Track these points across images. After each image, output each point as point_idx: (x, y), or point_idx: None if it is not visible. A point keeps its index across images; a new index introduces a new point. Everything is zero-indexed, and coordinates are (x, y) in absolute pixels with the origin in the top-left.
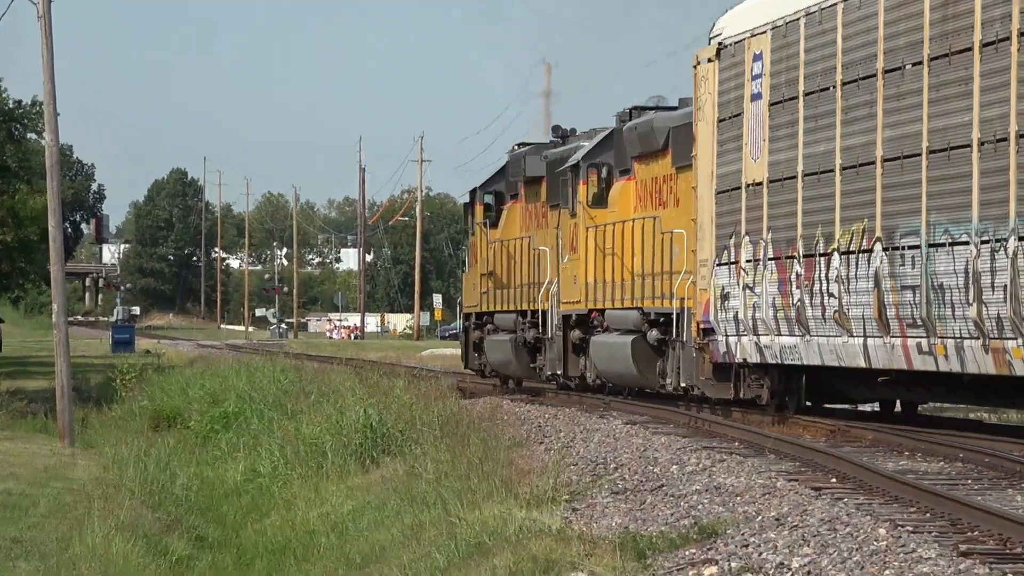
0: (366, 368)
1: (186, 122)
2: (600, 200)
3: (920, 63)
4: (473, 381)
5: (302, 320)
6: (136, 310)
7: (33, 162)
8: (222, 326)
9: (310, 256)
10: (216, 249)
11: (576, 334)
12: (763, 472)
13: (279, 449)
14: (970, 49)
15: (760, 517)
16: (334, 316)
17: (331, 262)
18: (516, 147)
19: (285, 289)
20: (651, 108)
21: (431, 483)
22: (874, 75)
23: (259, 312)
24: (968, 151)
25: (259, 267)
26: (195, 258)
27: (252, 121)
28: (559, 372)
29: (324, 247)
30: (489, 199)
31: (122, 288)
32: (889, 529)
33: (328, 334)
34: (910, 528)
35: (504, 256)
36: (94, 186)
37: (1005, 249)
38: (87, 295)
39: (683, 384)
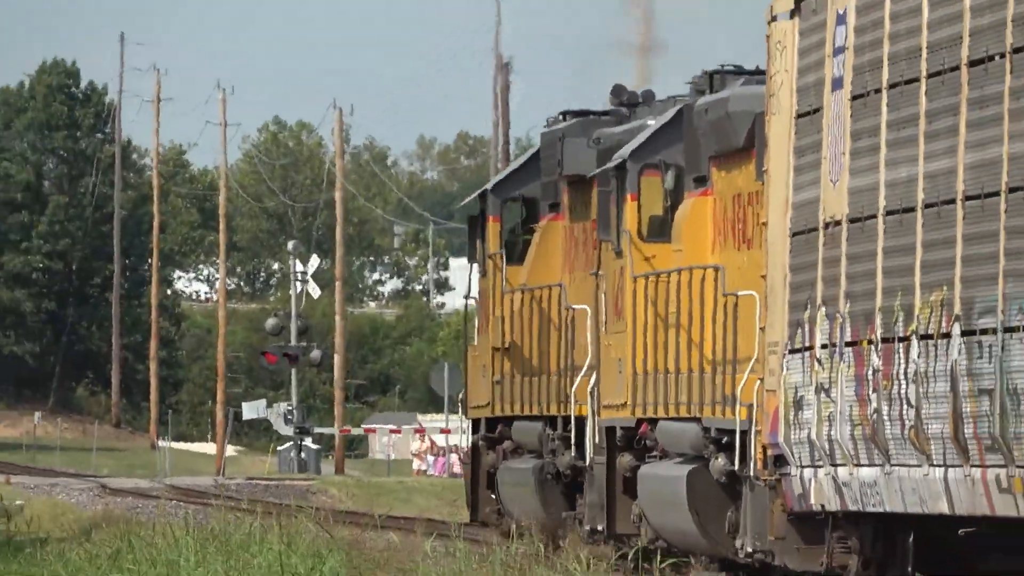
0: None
1: None
2: (661, 229)
3: (1003, 55)
4: None
5: (354, 431)
6: None
7: None
8: (161, 443)
9: (376, 274)
10: (151, 258)
11: (626, 461)
12: None
13: None
14: None
15: None
16: (430, 420)
17: (427, 289)
18: (560, 118)
19: (316, 353)
20: (742, 73)
21: None
22: (958, 67)
23: (249, 410)
24: None
25: (251, 300)
26: (96, 278)
27: None
28: (600, 527)
29: (409, 252)
30: (512, 212)
31: None
32: None
33: (418, 463)
34: None
35: (532, 316)
36: None
37: None
38: None
39: (749, 548)
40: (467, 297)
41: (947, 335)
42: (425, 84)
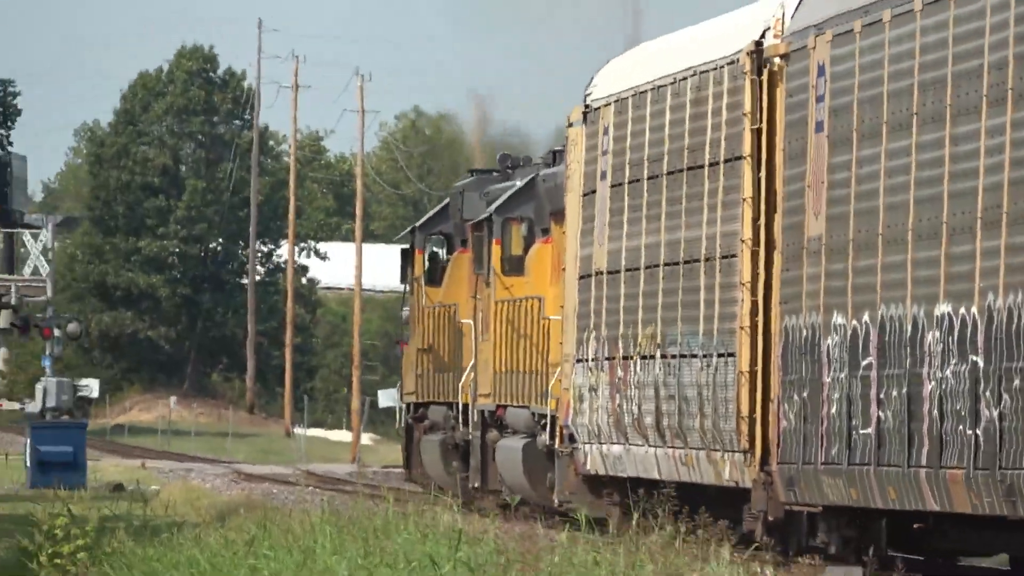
0: None
1: None
2: (517, 266)
3: (682, 170)
4: None
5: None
6: (91, 386)
7: None
8: (297, 429)
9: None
10: (285, 241)
11: (493, 436)
12: None
13: None
14: (702, 166)
15: None
16: None
17: None
18: (468, 174)
19: None
20: None
21: None
22: (661, 175)
23: (385, 398)
24: (698, 265)
25: (391, 288)
26: (231, 264)
27: None
28: (477, 484)
29: None
30: (436, 245)
31: (57, 333)
32: None
33: None
34: None
35: (444, 326)
36: None
37: (711, 365)
38: None
39: (558, 500)
40: (402, 310)
41: (653, 357)
42: (563, 73)
